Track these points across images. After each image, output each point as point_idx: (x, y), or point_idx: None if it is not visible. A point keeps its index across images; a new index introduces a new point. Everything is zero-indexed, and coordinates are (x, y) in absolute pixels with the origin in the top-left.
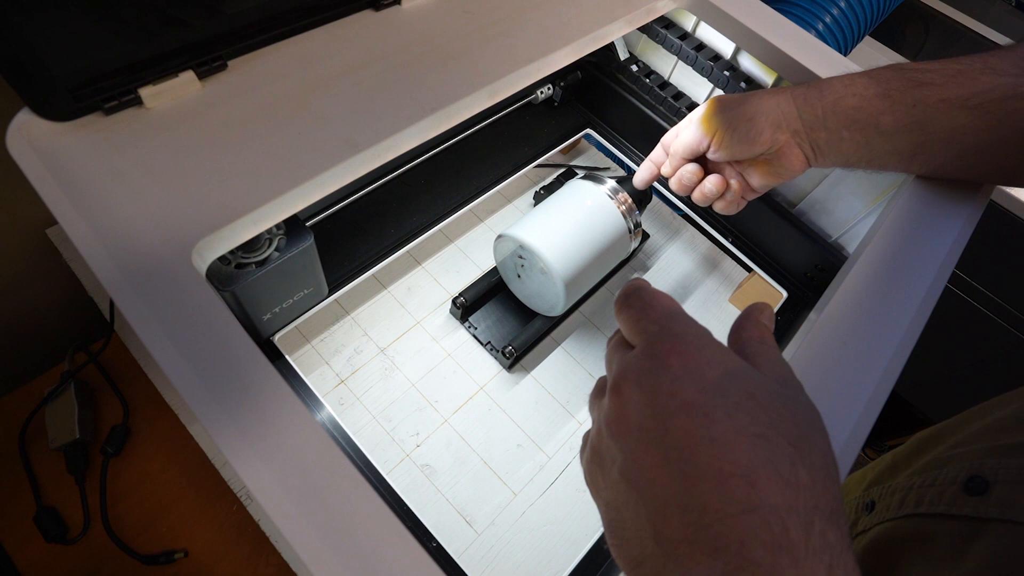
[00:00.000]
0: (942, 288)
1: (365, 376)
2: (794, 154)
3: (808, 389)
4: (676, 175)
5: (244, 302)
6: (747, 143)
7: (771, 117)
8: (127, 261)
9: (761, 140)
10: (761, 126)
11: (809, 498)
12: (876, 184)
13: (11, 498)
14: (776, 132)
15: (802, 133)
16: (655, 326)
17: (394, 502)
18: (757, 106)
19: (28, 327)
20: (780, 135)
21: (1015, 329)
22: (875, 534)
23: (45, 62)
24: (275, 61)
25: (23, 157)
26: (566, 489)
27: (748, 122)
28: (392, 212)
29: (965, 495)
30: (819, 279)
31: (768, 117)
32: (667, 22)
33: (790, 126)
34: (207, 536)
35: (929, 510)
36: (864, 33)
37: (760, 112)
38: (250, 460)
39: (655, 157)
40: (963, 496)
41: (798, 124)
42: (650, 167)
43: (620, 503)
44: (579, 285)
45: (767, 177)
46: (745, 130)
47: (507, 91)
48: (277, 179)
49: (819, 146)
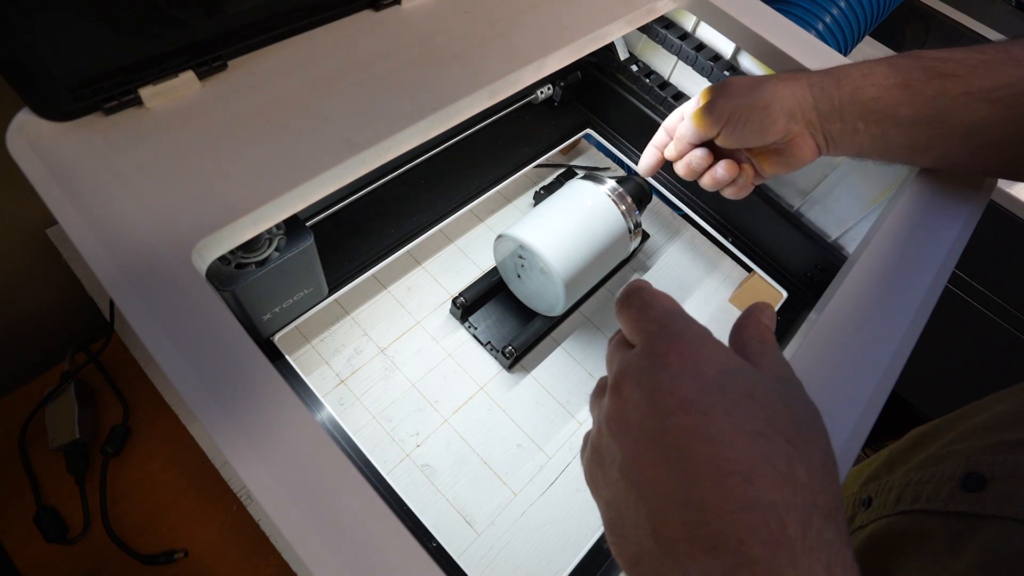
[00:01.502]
0: (942, 288)
1: (365, 376)
2: (806, 144)
3: (808, 389)
4: (684, 160)
5: (244, 302)
6: (760, 132)
7: (786, 106)
8: (127, 261)
9: (775, 130)
10: (776, 115)
11: (807, 496)
12: (876, 184)
13: (11, 498)
14: (790, 122)
15: (816, 124)
16: (655, 325)
17: (394, 502)
18: (772, 94)
19: (28, 327)
20: (794, 125)
21: (1015, 329)
22: (872, 530)
23: (45, 62)
24: (275, 61)
25: (23, 157)
26: (566, 489)
27: (763, 111)
28: (392, 212)
29: (962, 492)
30: (819, 279)
31: (783, 106)
32: (667, 22)
33: (804, 116)
34: (207, 536)
35: (926, 506)
36: (864, 33)
37: (775, 101)
38: (250, 460)
39: (658, 141)
40: (960, 493)
41: (813, 115)
42: (654, 152)
43: (619, 501)
44: (579, 285)
45: (776, 166)
46: (760, 119)
47: (507, 91)
48: (277, 179)
49: (832, 137)
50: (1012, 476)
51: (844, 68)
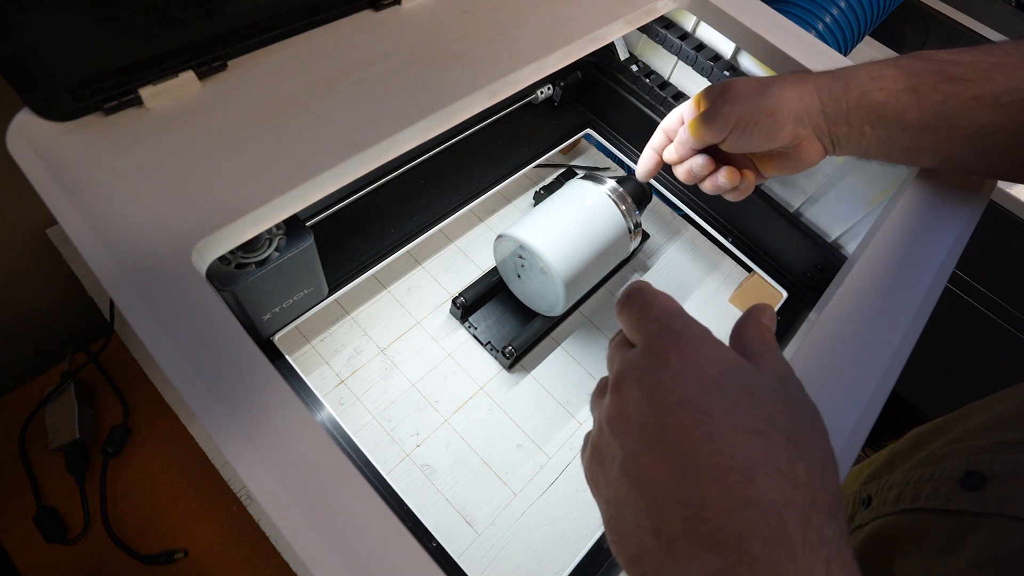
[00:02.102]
0: (942, 288)
1: (365, 376)
2: (813, 147)
3: (808, 389)
4: (686, 165)
5: (244, 302)
6: (767, 138)
7: (793, 111)
8: (127, 261)
9: (782, 135)
10: (783, 121)
11: (807, 493)
12: (876, 184)
13: (11, 498)
14: (797, 127)
15: (823, 127)
16: (655, 324)
17: (394, 502)
18: (779, 99)
19: (28, 327)
20: (801, 130)
21: (1015, 329)
22: (872, 528)
23: (45, 62)
24: (275, 61)
25: (23, 157)
26: (566, 489)
27: (770, 117)
28: (392, 212)
29: (962, 490)
30: (819, 279)
31: (790, 111)
32: (667, 22)
33: (812, 120)
34: (207, 536)
35: (926, 504)
36: (864, 33)
37: (782, 106)
38: (250, 460)
39: (656, 143)
40: (960, 491)
41: (820, 119)
42: (652, 156)
43: (620, 499)
44: (579, 285)
45: (781, 169)
46: (767, 125)
47: (507, 91)
48: (277, 179)
49: (839, 139)
50: (1012, 475)
51: (851, 70)
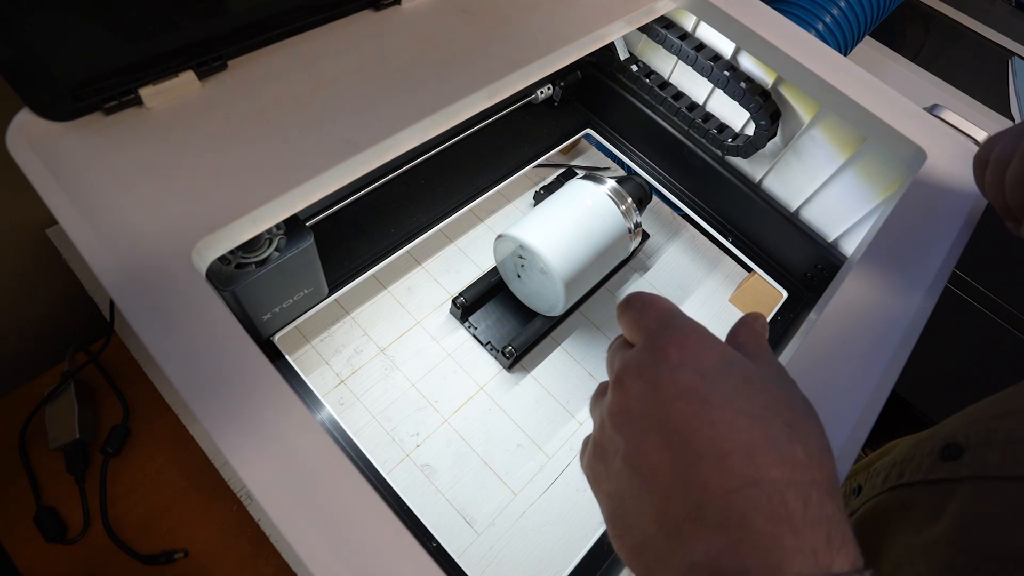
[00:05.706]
0: (942, 288)
1: (365, 376)
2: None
3: (808, 389)
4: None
5: (244, 302)
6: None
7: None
8: (127, 261)
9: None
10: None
11: (806, 473)
12: (876, 184)
13: (11, 498)
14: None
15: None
16: (655, 323)
17: (394, 502)
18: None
19: (28, 327)
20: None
21: (1015, 329)
22: (863, 512)
23: (45, 62)
24: (275, 61)
25: (23, 157)
26: (566, 489)
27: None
28: (392, 212)
29: (941, 462)
30: (819, 279)
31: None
32: (667, 22)
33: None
34: (207, 536)
35: (909, 480)
36: (864, 33)
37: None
38: (250, 460)
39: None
40: (939, 463)
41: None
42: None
43: (623, 491)
44: (579, 285)
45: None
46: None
47: (507, 91)
48: (277, 179)
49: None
50: (985, 443)
51: None
